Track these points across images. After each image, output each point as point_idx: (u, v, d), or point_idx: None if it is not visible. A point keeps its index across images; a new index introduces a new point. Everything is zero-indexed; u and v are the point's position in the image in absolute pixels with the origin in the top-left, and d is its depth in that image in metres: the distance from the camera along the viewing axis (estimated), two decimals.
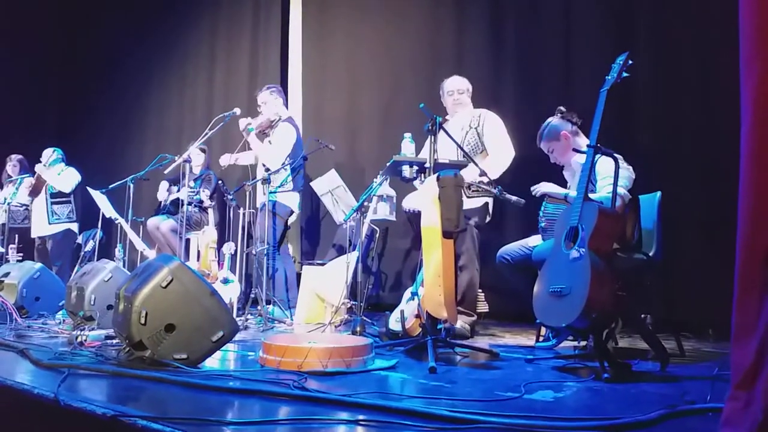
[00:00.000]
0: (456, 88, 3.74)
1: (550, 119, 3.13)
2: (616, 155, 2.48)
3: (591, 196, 2.52)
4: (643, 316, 2.89)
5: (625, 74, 2.57)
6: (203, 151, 5.25)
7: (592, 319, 2.19)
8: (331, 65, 5.70)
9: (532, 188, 2.90)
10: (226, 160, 4.70)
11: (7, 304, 3.37)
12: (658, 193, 2.97)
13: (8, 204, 5.80)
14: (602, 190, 2.75)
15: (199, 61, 6.80)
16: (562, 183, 3.15)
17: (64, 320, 3.43)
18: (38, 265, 4.02)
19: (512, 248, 3.12)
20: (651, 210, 2.91)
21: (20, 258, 5.51)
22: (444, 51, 4.96)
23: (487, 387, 2.07)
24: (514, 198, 2.78)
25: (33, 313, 3.72)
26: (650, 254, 2.82)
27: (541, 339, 3.10)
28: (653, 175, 3.22)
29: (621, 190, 2.63)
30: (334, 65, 5.67)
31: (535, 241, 3.02)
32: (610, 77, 2.58)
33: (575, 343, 2.94)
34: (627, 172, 2.77)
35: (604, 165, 2.74)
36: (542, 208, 2.80)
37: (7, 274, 3.96)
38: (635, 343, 3.16)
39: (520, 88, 4.50)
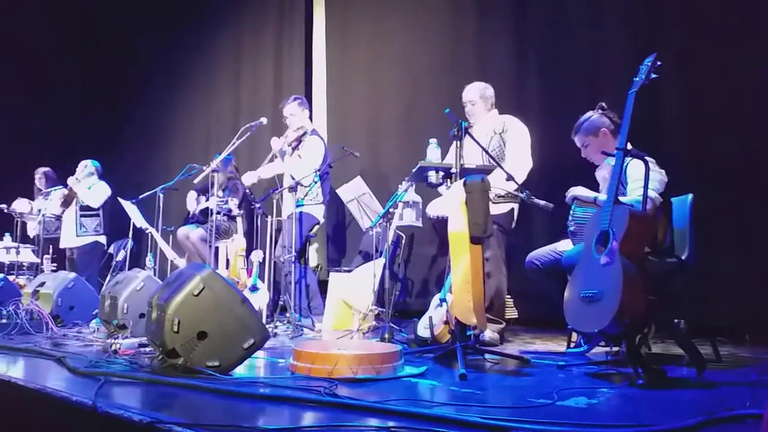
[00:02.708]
0: (468, 100, 3.70)
1: (589, 113, 3.08)
2: (646, 158, 2.44)
3: (621, 199, 2.49)
4: (676, 321, 2.84)
5: (653, 75, 2.54)
6: (231, 161, 5.31)
7: (624, 325, 2.16)
8: (354, 73, 5.73)
9: (566, 196, 2.86)
10: (249, 178, 4.76)
11: (42, 313, 3.44)
12: (690, 196, 2.91)
13: (43, 215, 5.93)
14: (633, 193, 2.71)
15: (224, 73, 6.91)
16: (590, 188, 3.11)
17: (98, 329, 3.50)
18: (72, 274, 4.10)
19: (541, 253, 3.09)
20: (683, 213, 2.86)
21: (54, 268, 5.63)
22: (466, 56, 4.95)
23: (519, 394, 2.06)
24: (542, 202, 2.76)
25: (68, 321, 3.79)
26: (683, 258, 2.76)
27: (572, 345, 3.06)
28: (685, 178, 3.16)
29: (652, 193, 2.60)
30: (358, 73, 5.70)
31: (564, 245, 2.99)
32: (638, 79, 2.55)
33: (607, 349, 2.90)
34: (658, 175, 2.73)
35: (635, 168, 2.70)
36: (571, 212, 2.76)
37: (42, 284, 4.05)
38: (669, 349, 3.11)
39: (545, 93, 4.47)
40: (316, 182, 4.35)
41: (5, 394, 2.06)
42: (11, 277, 4.90)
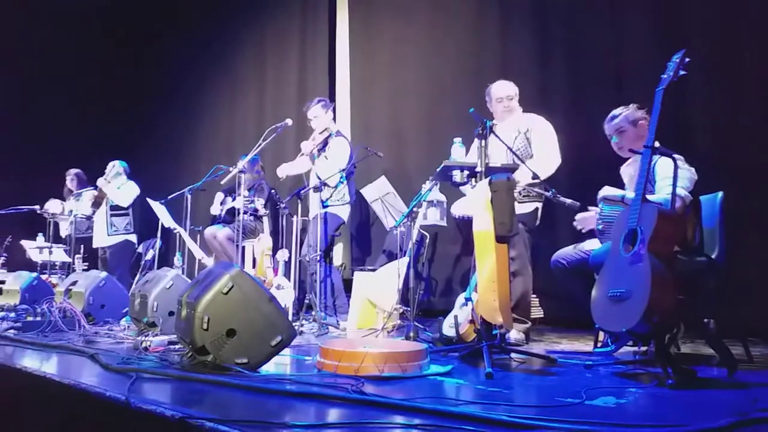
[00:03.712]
0: (505, 95, 3.68)
1: (623, 108, 3.06)
2: (675, 156, 2.41)
3: (649, 197, 2.46)
4: (706, 320, 2.79)
5: (682, 72, 2.51)
6: (257, 161, 5.37)
7: (653, 324, 2.14)
8: (377, 74, 5.75)
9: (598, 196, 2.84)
10: (284, 170, 4.81)
11: (75, 311, 3.52)
12: (720, 194, 2.87)
13: (74, 216, 6.06)
14: (661, 191, 2.68)
15: (249, 76, 6.98)
16: (615, 185, 3.07)
17: (128, 326, 3.56)
18: (103, 273, 4.18)
19: (568, 252, 3.07)
20: (713, 211, 2.82)
21: (86, 267, 5.75)
22: (489, 55, 4.94)
23: (546, 393, 2.05)
24: (568, 201, 2.74)
25: (99, 319, 3.87)
26: (713, 256, 2.72)
27: (599, 345, 3.03)
28: (715, 176, 3.11)
29: (681, 191, 2.56)
30: (381, 74, 5.72)
31: (591, 244, 2.97)
32: (666, 76, 2.52)
33: (635, 349, 2.86)
34: (688, 173, 2.69)
35: (664, 166, 2.67)
36: (599, 210, 2.74)
37: (74, 283, 4.13)
38: (699, 349, 3.06)
39: (569, 92, 4.43)
40: (342, 182, 4.38)
41: (41, 390, 2.11)
42: (44, 276, 5.02)
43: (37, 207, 6.18)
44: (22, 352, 2.71)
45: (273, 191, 5.20)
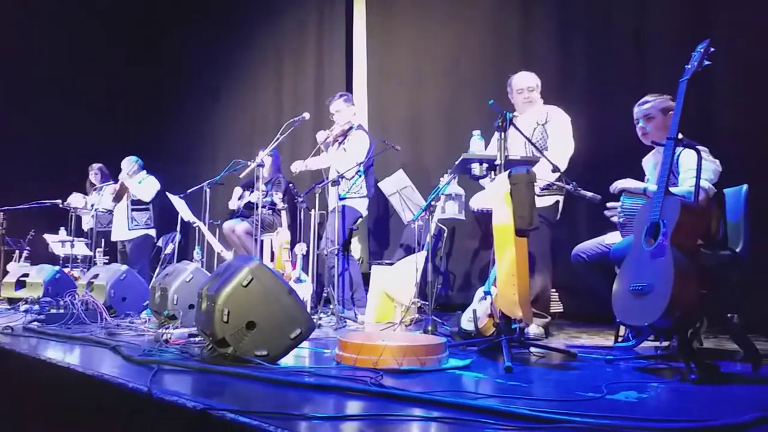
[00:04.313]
0: (526, 86, 3.65)
1: (657, 95, 3.01)
2: (699, 147, 2.37)
3: (672, 189, 2.43)
4: (730, 315, 2.75)
5: (706, 62, 2.46)
6: (274, 155, 5.39)
7: (675, 318, 2.11)
8: (394, 65, 5.73)
9: (610, 187, 2.81)
10: (297, 166, 4.82)
11: (97, 303, 3.57)
12: (745, 187, 2.81)
13: (95, 210, 6.14)
14: (684, 184, 2.64)
15: (267, 71, 7.01)
16: (636, 178, 3.03)
17: (149, 319, 3.60)
18: (124, 267, 4.23)
19: (588, 246, 3.03)
20: (737, 204, 2.77)
21: (107, 261, 5.83)
22: (510, 47, 4.90)
23: (567, 387, 2.03)
24: (589, 194, 2.71)
25: (120, 312, 3.91)
26: (737, 250, 2.68)
27: (620, 339, 3.00)
28: (739, 168, 3.06)
29: (705, 183, 2.52)
30: (398, 65, 5.70)
31: (611, 238, 2.93)
32: (690, 66, 2.47)
33: (657, 344, 2.83)
34: (712, 165, 2.64)
35: (687, 158, 2.63)
36: (620, 203, 2.71)
37: (96, 276, 4.18)
38: (722, 344, 3.02)
39: (590, 83, 4.39)
40: (360, 175, 4.38)
41: (65, 380, 2.14)
42: (66, 270, 5.09)
43: (59, 201, 6.27)
44: (46, 344, 2.75)
45: (291, 185, 5.22)
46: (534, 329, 3.20)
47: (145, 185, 6.07)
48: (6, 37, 7.20)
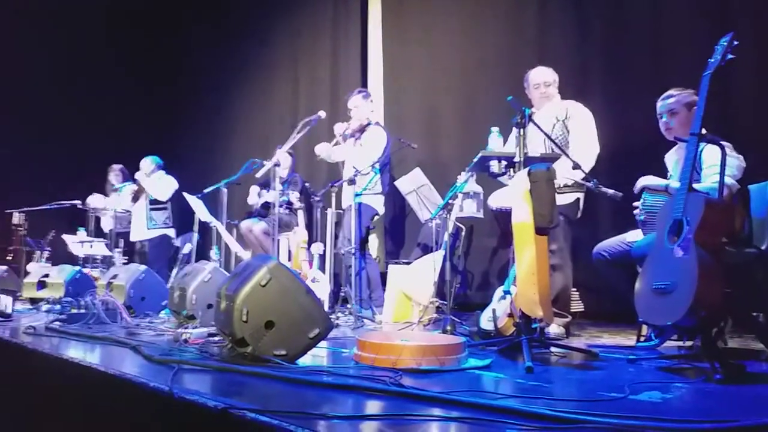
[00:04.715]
0: (542, 80, 3.61)
1: (680, 89, 2.97)
2: (723, 143, 2.33)
3: (695, 186, 2.38)
4: (755, 314, 2.69)
5: (730, 56, 2.41)
6: (290, 154, 5.41)
7: (700, 317, 2.07)
8: (410, 62, 5.72)
9: (635, 188, 2.77)
10: (322, 149, 4.81)
11: (117, 303, 3.60)
12: None
13: (115, 210, 6.20)
14: (707, 180, 2.59)
15: (282, 69, 7.03)
16: (658, 174, 2.99)
17: (168, 319, 3.62)
18: (143, 267, 4.25)
19: (610, 244, 3.00)
20: (763, 200, 2.71)
21: (125, 261, 5.88)
22: (526, 42, 4.86)
23: (588, 387, 2.01)
24: (611, 191, 2.67)
25: (139, 312, 3.93)
26: (762, 248, 2.62)
27: (642, 338, 2.96)
28: (765, 164, 3.00)
29: (729, 180, 2.48)
30: (414, 62, 5.68)
31: (633, 236, 2.89)
32: (713, 60, 2.43)
33: (680, 343, 2.79)
34: (736, 161, 2.60)
35: (710, 153, 2.58)
36: (641, 201, 2.67)
37: (115, 276, 4.22)
38: (747, 344, 2.96)
39: (608, 79, 4.34)
40: (376, 173, 4.37)
41: (86, 379, 2.16)
42: (86, 270, 5.15)
43: (78, 202, 6.34)
44: (68, 343, 2.78)
45: (307, 184, 5.23)
46: (554, 329, 3.17)
47: (162, 185, 6.12)
48: (28, 38, 7.30)
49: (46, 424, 2.45)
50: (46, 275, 4.58)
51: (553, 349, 2.67)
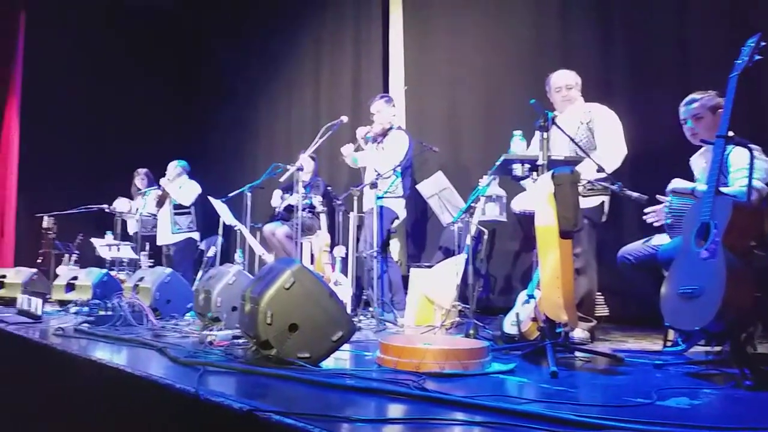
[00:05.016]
0: (564, 84, 3.58)
1: (702, 92, 2.93)
2: (751, 146, 2.29)
3: (722, 189, 2.35)
4: None
5: (757, 57, 2.37)
6: (312, 159, 5.45)
7: (728, 322, 2.04)
8: (432, 66, 5.71)
9: (666, 191, 2.73)
10: (347, 149, 4.84)
11: (143, 306, 3.65)
12: None
13: (140, 214, 6.31)
14: (735, 183, 2.55)
15: (304, 74, 7.07)
16: (684, 177, 2.94)
17: (193, 321, 3.67)
18: (168, 270, 4.31)
19: (635, 247, 2.96)
20: None
21: (151, 264, 5.96)
22: (548, 45, 4.82)
23: (614, 393, 1.99)
24: (635, 194, 2.64)
25: (165, 314, 3.98)
26: None
27: (668, 344, 2.92)
28: None
29: (757, 183, 2.43)
30: (435, 66, 5.68)
31: (659, 239, 2.85)
32: (740, 61, 2.39)
33: (708, 348, 2.74)
34: (765, 164, 2.55)
35: (738, 156, 2.54)
36: (668, 204, 2.63)
37: (141, 279, 4.28)
38: None
39: (633, 80, 4.28)
40: (397, 177, 4.39)
41: (114, 380, 2.20)
42: (113, 273, 5.24)
43: (105, 206, 6.46)
44: (95, 345, 2.82)
45: (329, 188, 5.26)
46: (579, 333, 3.14)
47: (185, 190, 6.20)
48: (55, 45, 7.45)
49: (74, 423, 2.49)
50: (75, 278, 4.66)
51: (577, 353, 2.64)
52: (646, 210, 2.78)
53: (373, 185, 4.24)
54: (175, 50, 8.54)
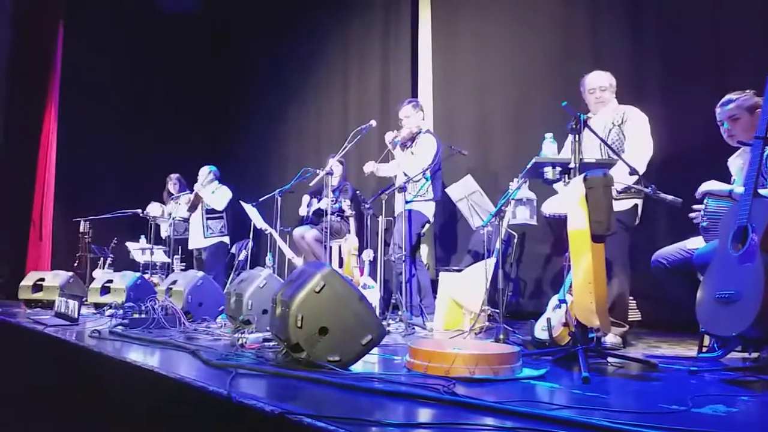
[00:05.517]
0: (598, 85, 3.53)
1: (739, 93, 2.86)
2: None
3: (761, 191, 2.29)
4: None
5: None
6: (341, 163, 5.48)
7: (767, 328, 1.98)
8: (460, 69, 5.70)
9: (696, 193, 2.68)
10: (369, 167, 4.88)
11: (175, 309, 3.71)
12: None
13: (173, 219, 6.42)
14: None
15: (333, 78, 7.12)
16: (720, 179, 2.88)
17: (224, 324, 3.72)
18: (201, 273, 4.37)
19: (669, 251, 2.90)
20: None
21: (183, 267, 6.06)
22: (579, 46, 4.77)
23: (648, 399, 1.95)
24: (669, 197, 2.59)
25: (197, 317, 4.04)
26: None
27: (704, 349, 2.85)
28: None
29: None
30: (464, 69, 5.66)
31: (694, 243, 2.79)
32: None
33: (745, 355, 2.67)
34: None
35: None
36: (704, 206, 2.58)
37: (174, 282, 4.35)
38: None
39: (666, 81, 4.21)
40: (427, 180, 4.38)
41: (148, 382, 2.24)
42: (146, 276, 5.34)
43: (139, 210, 6.59)
44: (129, 347, 2.88)
45: (357, 192, 5.28)
46: (611, 338, 3.09)
47: (217, 195, 6.30)
48: (90, 55, 7.63)
49: (108, 425, 2.54)
50: (110, 281, 4.75)
51: (610, 359, 2.60)
52: (693, 207, 2.70)
53: (402, 189, 4.24)
54: (206, 56, 8.68)
